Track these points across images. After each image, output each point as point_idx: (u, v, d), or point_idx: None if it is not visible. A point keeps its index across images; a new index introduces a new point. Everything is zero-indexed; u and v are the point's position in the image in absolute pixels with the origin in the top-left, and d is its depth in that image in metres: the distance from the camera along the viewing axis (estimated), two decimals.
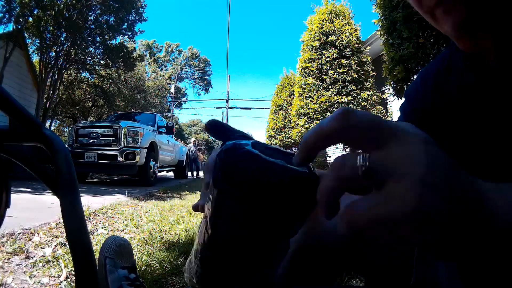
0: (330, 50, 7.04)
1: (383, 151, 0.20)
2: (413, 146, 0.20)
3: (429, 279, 0.43)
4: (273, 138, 12.21)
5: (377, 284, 0.47)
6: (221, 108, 29.92)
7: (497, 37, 0.38)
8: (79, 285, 0.32)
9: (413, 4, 0.41)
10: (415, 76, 3.24)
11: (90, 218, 2.17)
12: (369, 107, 6.82)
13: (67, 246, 1.33)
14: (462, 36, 0.40)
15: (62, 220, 1.01)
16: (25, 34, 8.21)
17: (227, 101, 22.71)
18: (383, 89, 7.27)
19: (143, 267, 1.21)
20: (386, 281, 0.45)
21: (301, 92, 7.50)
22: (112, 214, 2.41)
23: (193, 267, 0.35)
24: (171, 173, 9.19)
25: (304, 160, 0.24)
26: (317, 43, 7.16)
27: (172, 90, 26.20)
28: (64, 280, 1.08)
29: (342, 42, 7.01)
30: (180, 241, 1.61)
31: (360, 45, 7.29)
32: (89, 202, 2.61)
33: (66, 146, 1.71)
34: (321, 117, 6.87)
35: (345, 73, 6.87)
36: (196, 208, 0.39)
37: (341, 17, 7.35)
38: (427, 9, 0.39)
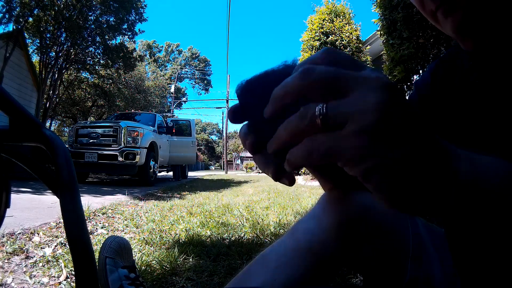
0: None
1: (342, 100, 0.21)
2: (371, 92, 0.20)
3: (423, 277, 0.43)
4: None
5: (373, 283, 0.47)
6: (221, 108, 30.01)
7: (495, 37, 0.40)
8: (79, 285, 0.32)
9: (417, 6, 0.44)
10: (415, 76, 3.24)
11: (90, 218, 2.17)
12: None
13: (67, 246, 1.33)
14: (462, 37, 0.42)
15: (62, 220, 1.01)
16: (25, 34, 8.22)
17: (227, 101, 22.70)
18: None
19: (143, 267, 1.21)
20: (381, 280, 0.46)
21: None
22: (112, 214, 2.41)
23: None
24: (171, 173, 9.19)
25: (273, 113, 0.25)
26: (317, 43, 7.15)
27: (172, 90, 26.21)
28: (64, 280, 1.08)
29: (342, 42, 7.00)
30: (180, 241, 1.61)
31: (360, 45, 7.29)
32: (89, 202, 2.61)
33: (66, 146, 1.71)
34: None
35: None
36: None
37: (341, 17, 7.34)
38: (429, 12, 0.42)
